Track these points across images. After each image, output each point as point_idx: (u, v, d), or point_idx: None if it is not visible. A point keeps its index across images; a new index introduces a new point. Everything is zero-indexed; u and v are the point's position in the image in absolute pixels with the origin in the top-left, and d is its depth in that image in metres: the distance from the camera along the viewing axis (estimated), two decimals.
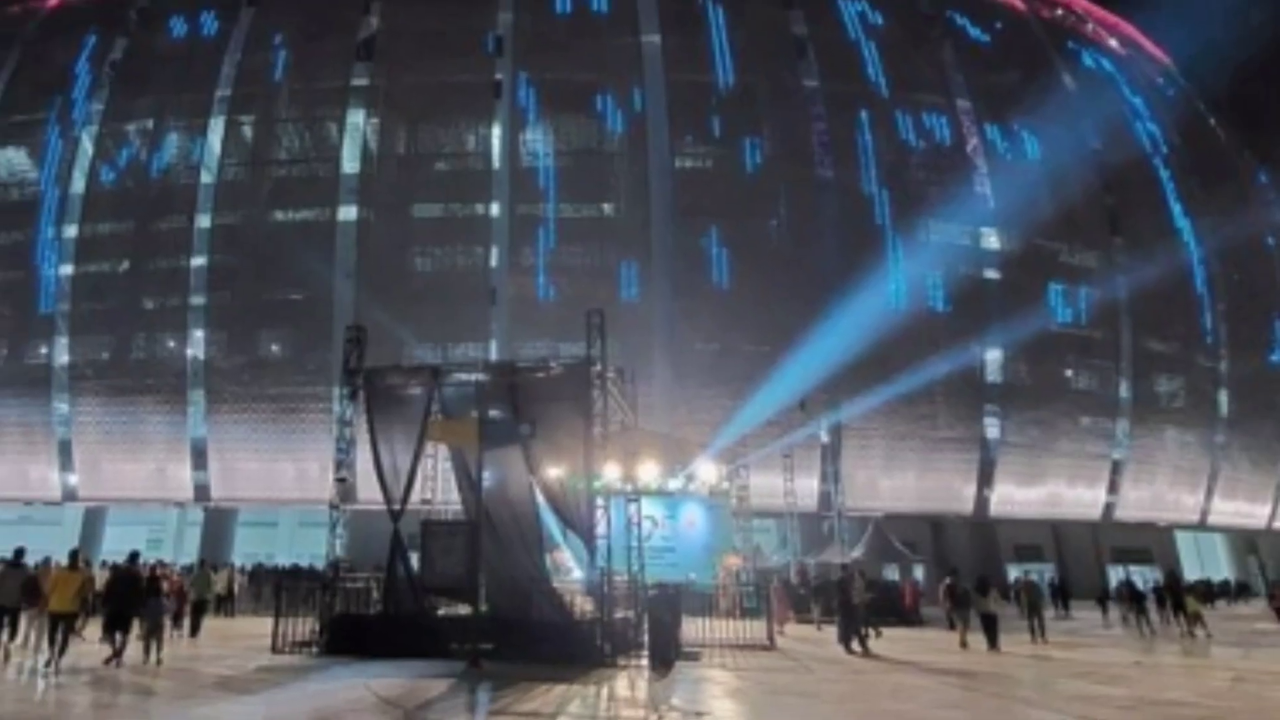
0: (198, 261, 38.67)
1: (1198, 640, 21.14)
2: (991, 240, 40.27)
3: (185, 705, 10.30)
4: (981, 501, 37.87)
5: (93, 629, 14.91)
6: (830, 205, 38.36)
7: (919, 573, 30.22)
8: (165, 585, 16.59)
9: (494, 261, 37.94)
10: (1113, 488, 40.63)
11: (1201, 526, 44.28)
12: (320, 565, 20.51)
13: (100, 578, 16.50)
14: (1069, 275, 41.33)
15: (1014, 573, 33.58)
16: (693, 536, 25.96)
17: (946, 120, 41.23)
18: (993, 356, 38.64)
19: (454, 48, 39.91)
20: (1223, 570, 45.27)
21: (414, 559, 16.09)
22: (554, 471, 16.10)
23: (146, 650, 13.28)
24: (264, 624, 16.60)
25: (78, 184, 41.08)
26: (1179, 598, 23.73)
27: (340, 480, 17.89)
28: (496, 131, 39.76)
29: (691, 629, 17.03)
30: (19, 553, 14.87)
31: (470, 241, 38.68)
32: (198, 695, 10.99)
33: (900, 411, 36.19)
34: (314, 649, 15.16)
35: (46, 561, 17.73)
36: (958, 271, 38.73)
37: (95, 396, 38.05)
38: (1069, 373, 41.12)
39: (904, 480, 37.12)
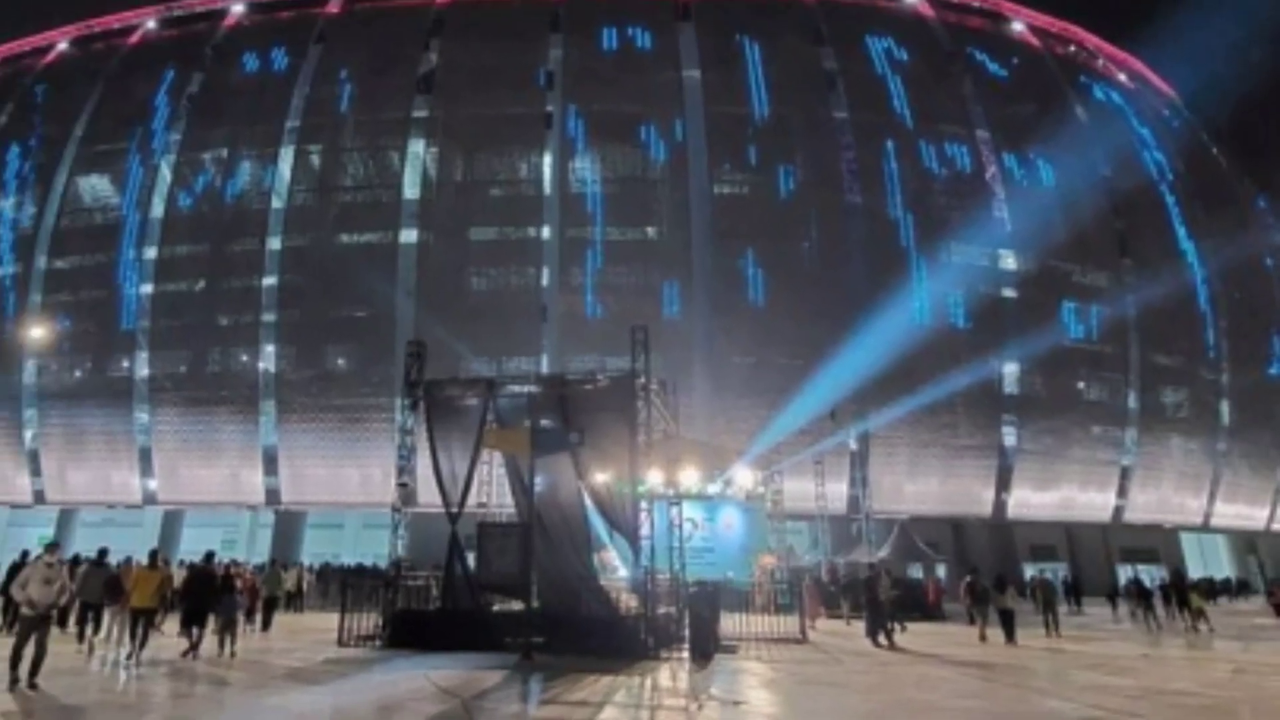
0: (269, 281, 39.94)
1: (1201, 634, 21.47)
2: (1009, 261, 40.98)
3: (258, 695, 10.47)
4: (999, 505, 38.79)
5: (171, 624, 15.17)
6: (858, 228, 39.28)
7: (941, 571, 30.90)
8: (239, 583, 16.88)
9: (545, 281, 38.83)
10: (1122, 492, 41.25)
11: (1204, 528, 44.87)
12: (383, 564, 20.77)
13: (178, 576, 16.77)
14: (1081, 294, 41.91)
15: (1030, 571, 34.26)
16: (730, 537, 26.71)
17: (967, 149, 42.08)
18: (1010, 370, 39.44)
19: (508, 81, 40.90)
20: (1224, 569, 45.58)
21: (470, 558, 16.21)
22: (601, 477, 16.34)
23: (221, 643, 13.61)
24: (331, 619, 16.77)
25: (157, 209, 42.26)
26: (1183, 595, 24.24)
27: (402, 485, 18.11)
28: (547, 160, 40.75)
29: (729, 624, 17.18)
30: (102, 553, 15.33)
31: (523, 262, 39.54)
32: (269, 685, 11.19)
33: (924, 421, 37.04)
34: (377, 642, 15.38)
35: (128, 561, 17.93)
36: (977, 290, 39.56)
37: (173, 407, 39.33)
38: (1081, 385, 41.49)
39: (927, 485, 37.96)
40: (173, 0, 49.10)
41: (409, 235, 39.68)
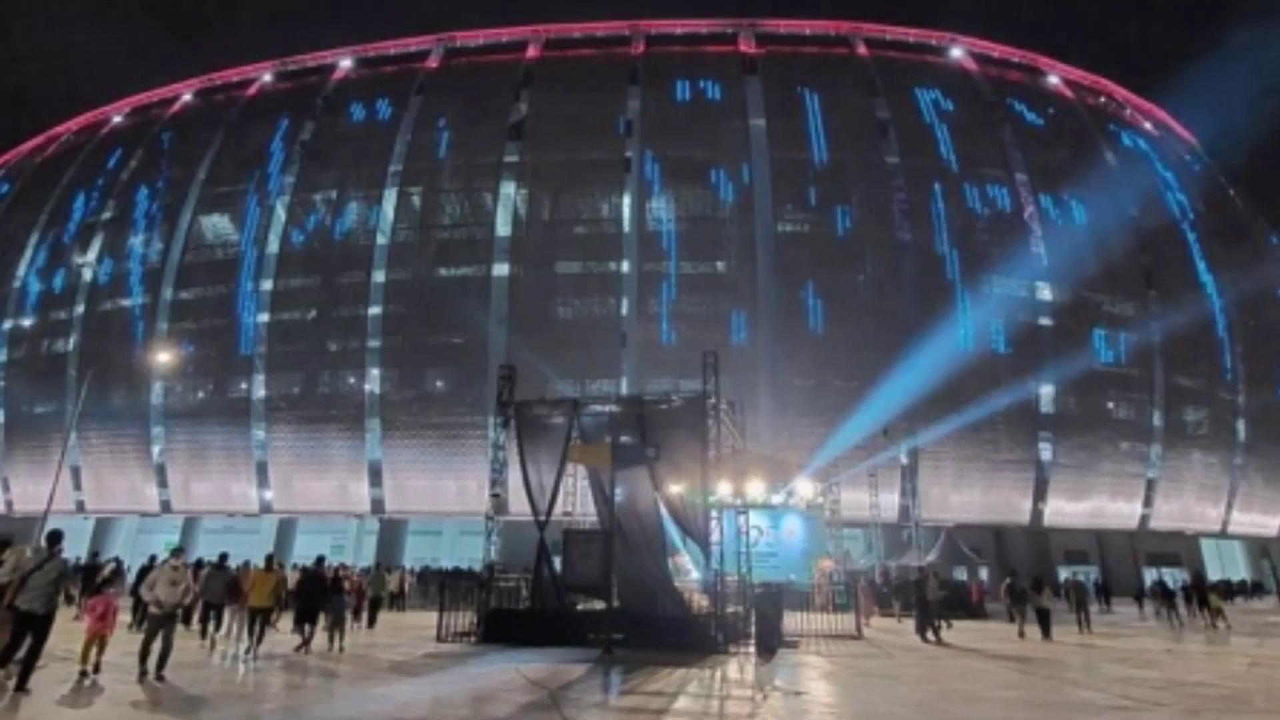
0: (374, 310, 42.32)
1: (1219, 631, 22.43)
2: (1045, 293, 42.95)
3: (364, 685, 10.77)
4: (1036, 513, 40.62)
5: (285, 621, 15.94)
6: (909, 263, 41.38)
7: (983, 574, 31.97)
8: (346, 584, 17.65)
9: (624, 311, 40.95)
10: (1147, 502, 43.02)
11: (1222, 535, 46.56)
12: (478, 567, 21.64)
13: (291, 578, 17.73)
14: (1110, 322, 43.75)
15: (1064, 574, 35.70)
16: (792, 543, 27.63)
17: (1007, 191, 44.24)
18: (1046, 391, 41.31)
19: (590, 129, 43.52)
20: (1240, 572, 47.53)
21: (557, 562, 16.98)
22: (675, 488, 17.09)
23: (330, 639, 14.31)
24: (430, 617, 17.62)
25: (272, 245, 44.87)
26: (1203, 595, 25.35)
27: (494, 495, 18.82)
28: (626, 200, 42.95)
29: (791, 621, 17.88)
30: (223, 557, 16.37)
31: (604, 294, 41.59)
32: (374, 677, 11.51)
33: (968, 437, 38.92)
34: (472, 638, 16.10)
35: (246, 564, 18.92)
36: (1016, 319, 41.54)
37: (287, 425, 41.83)
38: (1110, 405, 43.15)
39: (971, 495, 39.81)
40: (287, 56, 52.25)
41: (501, 269, 41.99)
